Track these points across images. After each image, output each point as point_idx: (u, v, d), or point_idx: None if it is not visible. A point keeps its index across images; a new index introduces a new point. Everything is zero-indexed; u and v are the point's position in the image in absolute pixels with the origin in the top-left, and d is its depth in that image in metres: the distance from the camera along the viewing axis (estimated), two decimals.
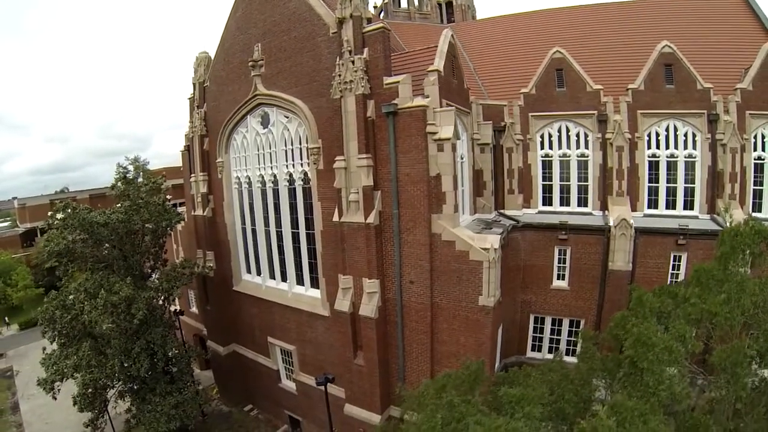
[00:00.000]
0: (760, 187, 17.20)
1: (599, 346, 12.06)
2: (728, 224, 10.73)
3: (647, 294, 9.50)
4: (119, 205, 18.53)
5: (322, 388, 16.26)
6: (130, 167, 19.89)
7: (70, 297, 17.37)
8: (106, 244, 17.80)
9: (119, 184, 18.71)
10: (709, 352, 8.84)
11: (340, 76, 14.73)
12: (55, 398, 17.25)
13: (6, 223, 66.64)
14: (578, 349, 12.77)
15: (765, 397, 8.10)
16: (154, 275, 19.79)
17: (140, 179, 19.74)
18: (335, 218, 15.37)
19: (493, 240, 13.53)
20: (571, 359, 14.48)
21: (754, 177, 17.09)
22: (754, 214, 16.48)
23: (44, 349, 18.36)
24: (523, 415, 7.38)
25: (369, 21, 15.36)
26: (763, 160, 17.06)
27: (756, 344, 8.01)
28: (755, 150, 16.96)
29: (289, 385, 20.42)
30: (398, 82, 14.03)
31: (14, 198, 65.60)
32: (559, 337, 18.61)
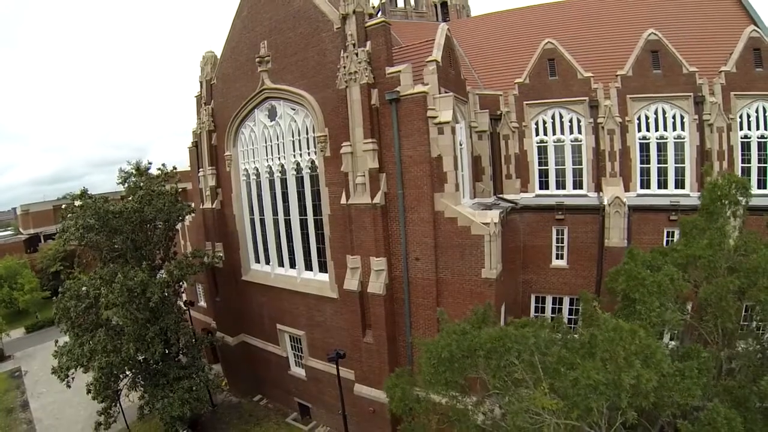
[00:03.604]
0: (748, 165, 17.93)
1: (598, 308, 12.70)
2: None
3: (638, 249, 10.21)
4: (130, 198, 19.19)
5: (332, 371, 16.86)
6: (132, 171, 20.45)
7: (83, 288, 17.92)
8: (119, 237, 18.38)
9: (132, 177, 19.38)
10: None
11: (345, 67, 15.57)
12: (69, 386, 17.61)
13: (7, 232, 67.05)
14: (580, 309, 13.37)
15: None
16: (163, 268, 20.32)
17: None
18: (343, 201, 16.09)
19: (493, 215, 14.22)
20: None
21: (742, 155, 17.84)
22: None
23: (56, 341, 18.84)
24: (531, 334, 8.06)
25: (371, 16, 16.25)
26: (750, 138, 17.82)
27: (738, 280, 8.69)
28: (741, 129, 17.75)
29: (298, 371, 20.92)
30: (400, 71, 14.89)
31: (14, 208, 66.22)
32: (560, 316, 19.18)
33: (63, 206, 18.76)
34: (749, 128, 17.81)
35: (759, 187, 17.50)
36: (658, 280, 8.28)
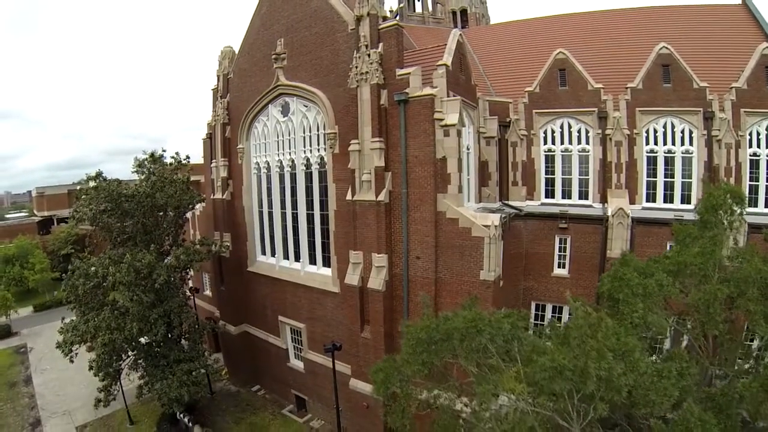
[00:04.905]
0: (756, 183, 17.86)
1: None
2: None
3: (633, 256, 10.34)
4: (143, 183, 19.76)
5: (330, 365, 17.13)
6: (147, 158, 21.00)
7: (92, 268, 18.46)
8: (130, 220, 18.92)
9: (146, 162, 19.98)
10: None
11: (356, 67, 16.01)
12: (72, 361, 18.10)
13: (22, 214, 68.78)
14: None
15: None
16: (171, 254, 20.80)
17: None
18: (348, 197, 16.45)
19: (494, 218, 14.43)
20: None
21: (750, 173, 17.78)
22: (749, 209, 17.37)
23: (63, 318, 19.36)
24: (507, 321, 8.30)
25: (384, 19, 16.73)
26: (758, 156, 17.76)
27: (727, 289, 8.77)
28: (750, 146, 17.69)
29: (297, 364, 21.24)
30: (409, 73, 15.28)
31: (29, 191, 67.94)
32: (559, 325, 19.20)
33: (78, 188, 19.40)
34: (759, 146, 17.75)
35: (767, 206, 17.48)
36: (643, 283, 8.42)
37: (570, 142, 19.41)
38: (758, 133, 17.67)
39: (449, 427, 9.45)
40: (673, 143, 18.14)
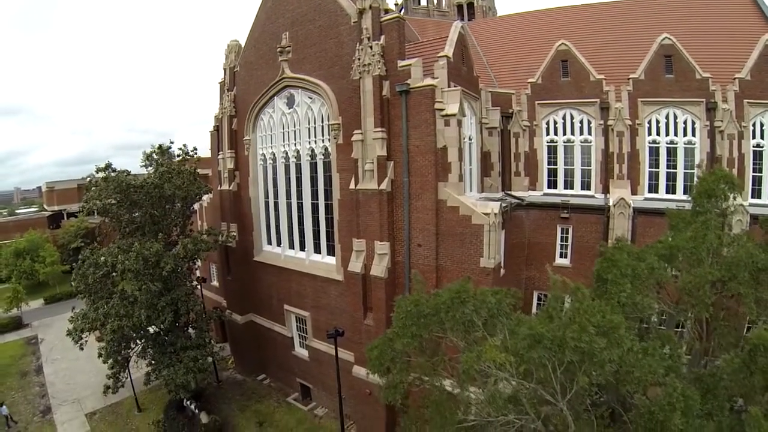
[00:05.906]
0: (759, 174, 17.84)
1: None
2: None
3: (626, 242, 10.48)
4: (153, 174, 20.17)
5: (333, 353, 17.43)
6: (155, 150, 21.42)
7: (102, 258, 18.91)
8: (139, 210, 19.35)
9: (154, 154, 20.41)
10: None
11: (359, 59, 16.27)
12: (82, 348, 18.52)
13: (32, 209, 69.85)
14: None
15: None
16: (178, 245, 21.18)
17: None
18: (352, 186, 16.74)
19: (494, 206, 14.63)
20: None
21: (753, 164, 17.75)
22: (752, 201, 17.43)
23: (73, 308, 19.84)
24: (494, 297, 8.54)
25: (386, 12, 16.95)
26: (762, 147, 17.72)
27: (718, 272, 8.89)
28: (754, 138, 17.66)
29: (301, 352, 21.60)
30: (411, 64, 15.51)
31: (39, 186, 68.82)
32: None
33: (88, 179, 19.84)
34: (762, 137, 17.72)
35: None
36: (632, 265, 8.58)
37: (572, 133, 19.51)
38: (761, 125, 17.64)
39: (441, 403, 9.70)
40: (676, 134, 18.16)
